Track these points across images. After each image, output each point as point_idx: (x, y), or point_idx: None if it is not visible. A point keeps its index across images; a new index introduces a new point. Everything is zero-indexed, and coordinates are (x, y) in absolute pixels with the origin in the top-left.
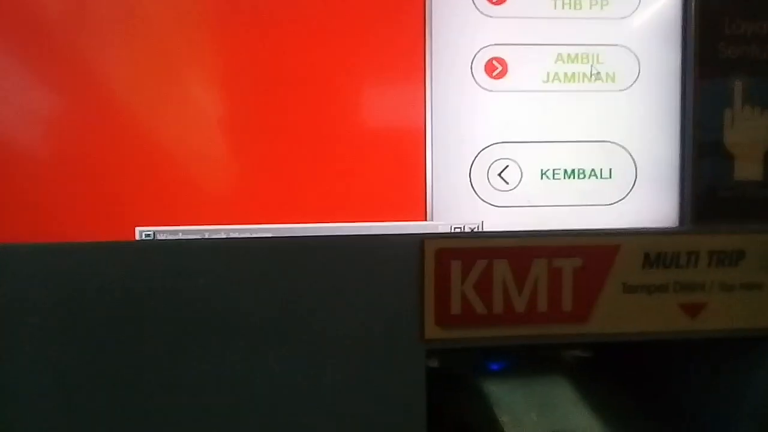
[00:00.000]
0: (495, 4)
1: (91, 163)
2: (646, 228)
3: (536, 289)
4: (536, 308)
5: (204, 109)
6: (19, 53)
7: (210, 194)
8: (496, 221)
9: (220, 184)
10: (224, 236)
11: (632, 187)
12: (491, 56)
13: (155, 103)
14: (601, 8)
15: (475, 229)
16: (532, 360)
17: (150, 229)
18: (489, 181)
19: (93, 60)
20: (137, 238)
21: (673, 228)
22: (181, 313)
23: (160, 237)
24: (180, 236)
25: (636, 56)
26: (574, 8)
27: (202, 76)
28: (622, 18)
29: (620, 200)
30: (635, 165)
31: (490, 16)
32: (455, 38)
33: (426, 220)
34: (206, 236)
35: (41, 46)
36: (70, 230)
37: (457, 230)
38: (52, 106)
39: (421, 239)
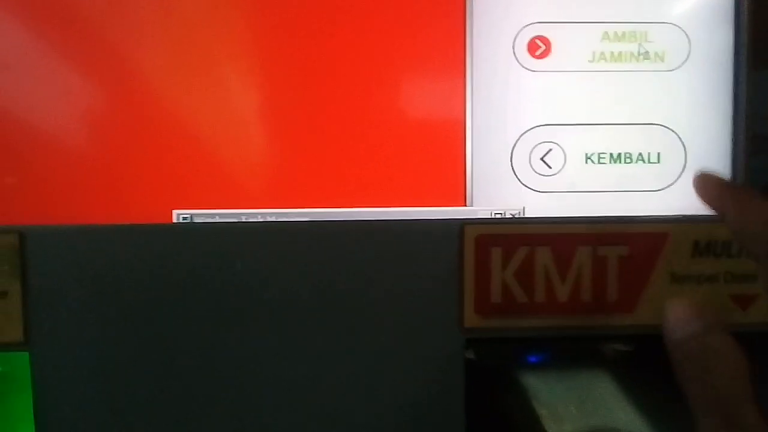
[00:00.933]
0: None
1: (128, 146)
2: (695, 215)
3: (580, 278)
4: (580, 298)
5: (242, 94)
6: (57, 38)
7: (248, 178)
8: (538, 207)
9: (258, 168)
10: (261, 220)
11: (681, 173)
12: (534, 35)
13: (192, 87)
14: None
15: (517, 215)
16: (571, 353)
17: (187, 212)
18: (531, 166)
19: (130, 45)
20: (174, 221)
21: None
22: (218, 297)
23: (197, 220)
24: (217, 220)
25: (686, 34)
26: None
27: (241, 61)
28: None
29: (669, 186)
30: (685, 149)
31: None
32: (497, 16)
33: (466, 205)
34: (243, 220)
35: (80, 31)
36: (107, 212)
37: (498, 216)
38: (90, 90)
39: (461, 225)
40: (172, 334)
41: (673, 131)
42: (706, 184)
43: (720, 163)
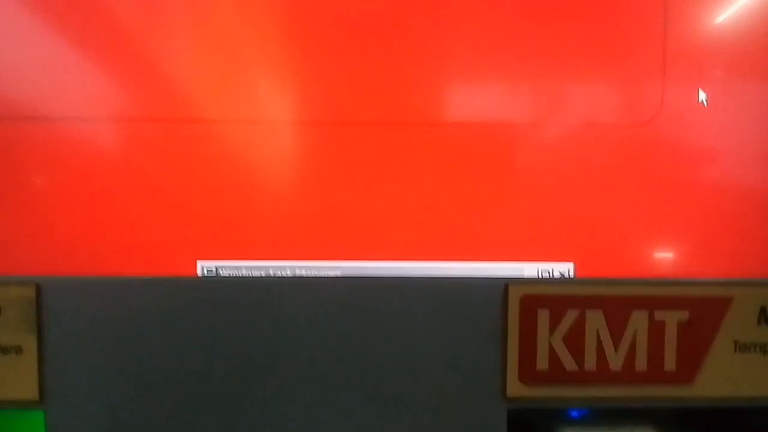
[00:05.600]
0: None
1: (152, 194)
2: (762, 279)
3: (635, 345)
4: (634, 367)
5: (273, 139)
6: (80, 88)
7: (276, 228)
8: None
9: (288, 218)
10: (290, 274)
11: None
12: None
13: (219, 132)
14: None
15: (566, 274)
16: (617, 409)
17: (212, 264)
18: None
19: (157, 87)
20: (199, 272)
21: None
22: (242, 355)
23: (222, 273)
24: (243, 272)
25: None
26: None
27: (273, 108)
28: None
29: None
30: None
31: None
32: None
33: (511, 260)
34: (271, 273)
35: (108, 81)
36: (130, 262)
37: (546, 275)
38: (112, 136)
39: (505, 284)
40: (193, 393)
41: None
42: None
43: None
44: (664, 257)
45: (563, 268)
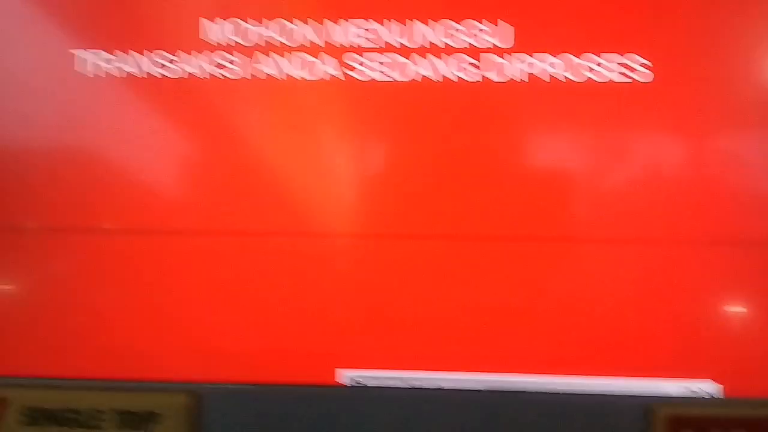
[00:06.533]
0: None
1: (294, 304)
2: None
3: None
4: None
5: (408, 248)
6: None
7: (415, 337)
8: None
9: (424, 327)
10: (430, 385)
11: None
12: None
13: (353, 244)
14: None
15: (709, 393)
16: None
17: (353, 372)
18: None
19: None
20: (339, 380)
21: None
22: None
23: (365, 382)
24: (386, 382)
25: None
26: None
27: (391, 217)
28: None
29: None
30: None
31: None
32: None
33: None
34: (409, 383)
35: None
36: (271, 370)
37: (692, 392)
38: (255, 251)
39: (649, 404)
40: None
41: None
42: None
43: None
44: None
45: (706, 387)
